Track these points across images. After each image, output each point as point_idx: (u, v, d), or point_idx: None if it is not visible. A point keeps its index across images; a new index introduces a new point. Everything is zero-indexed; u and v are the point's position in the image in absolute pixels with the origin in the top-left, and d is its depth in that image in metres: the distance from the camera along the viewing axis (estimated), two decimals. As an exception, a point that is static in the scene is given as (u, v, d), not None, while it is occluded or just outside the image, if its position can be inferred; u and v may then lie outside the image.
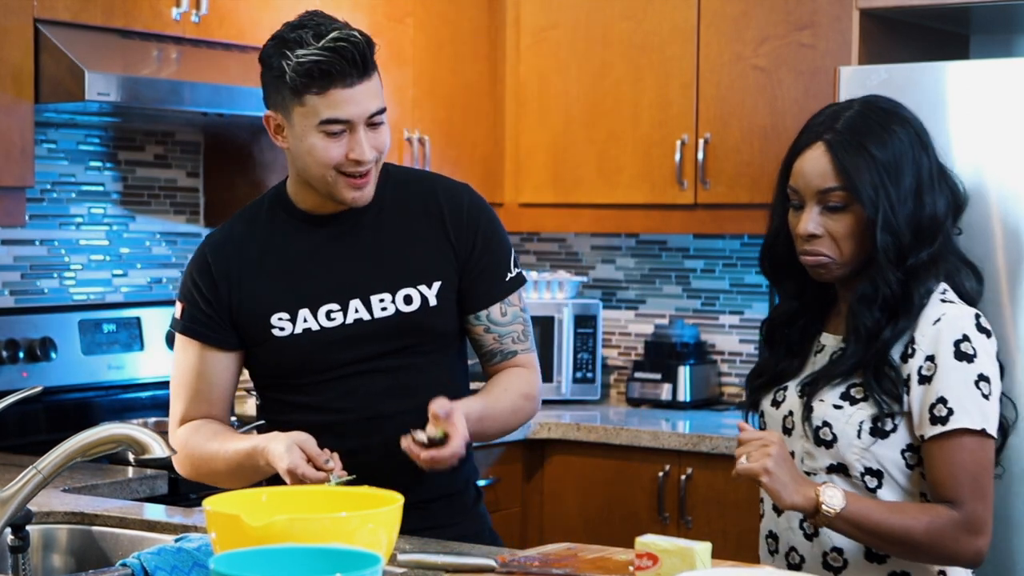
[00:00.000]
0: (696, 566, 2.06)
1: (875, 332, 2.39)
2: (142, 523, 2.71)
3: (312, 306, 2.61)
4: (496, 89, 4.78)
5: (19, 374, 3.76)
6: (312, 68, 2.48)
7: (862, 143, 2.39)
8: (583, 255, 5.08)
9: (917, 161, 2.42)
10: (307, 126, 2.52)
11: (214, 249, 2.68)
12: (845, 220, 2.40)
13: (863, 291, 2.41)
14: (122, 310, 4.08)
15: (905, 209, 2.39)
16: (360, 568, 1.61)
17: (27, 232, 3.97)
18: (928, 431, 2.37)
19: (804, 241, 2.42)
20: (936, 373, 2.37)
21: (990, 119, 3.66)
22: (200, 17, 3.81)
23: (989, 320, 3.27)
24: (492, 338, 2.69)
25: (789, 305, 2.55)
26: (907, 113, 2.48)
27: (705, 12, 4.44)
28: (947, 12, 4.07)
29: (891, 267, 2.39)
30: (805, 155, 2.44)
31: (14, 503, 2.24)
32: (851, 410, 2.40)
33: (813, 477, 2.42)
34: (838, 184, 2.39)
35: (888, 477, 2.41)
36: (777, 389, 2.53)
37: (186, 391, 2.69)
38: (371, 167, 2.56)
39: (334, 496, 2.04)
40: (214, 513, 1.88)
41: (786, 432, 2.49)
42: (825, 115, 2.46)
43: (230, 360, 2.68)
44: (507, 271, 2.70)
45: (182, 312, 2.69)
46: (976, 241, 3.67)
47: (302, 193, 2.64)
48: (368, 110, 2.53)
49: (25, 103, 3.49)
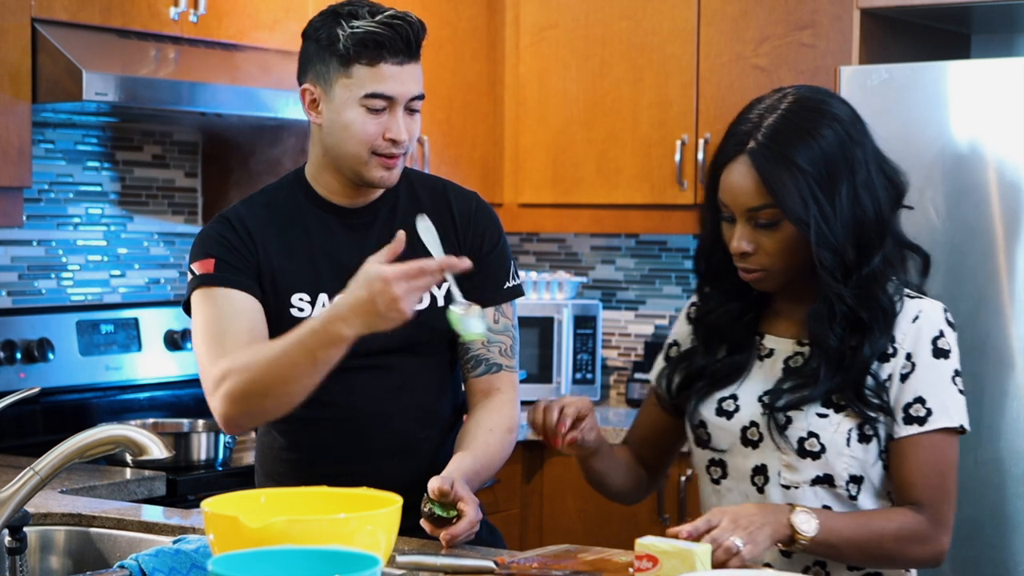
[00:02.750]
0: (696, 568, 2.05)
1: (842, 349, 2.30)
2: (140, 525, 2.70)
3: (331, 292, 2.59)
4: (495, 89, 4.77)
5: (17, 375, 3.75)
6: (366, 38, 2.50)
7: (787, 154, 2.26)
8: (583, 255, 5.08)
9: (850, 162, 2.29)
10: (349, 98, 2.53)
11: (238, 217, 2.63)
12: (777, 236, 2.30)
13: (816, 310, 2.31)
14: (120, 311, 4.07)
15: (844, 219, 2.27)
16: (359, 570, 1.60)
17: (24, 232, 3.96)
18: (903, 431, 2.32)
19: (739, 258, 2.34)
20: (914, 372, 2.32)
21: (991, 119, 3.65)
22: (198, 17, 3.80)
23: (990, 320, 3.27)
24: (481, 342, 2.68)
25: (731, 304, 2.43)
26: (837, 107, 2.33)
27: (705, 12, 4.43)
28: (948, 12, 4.06)
29: (839, 283, 2.28)
30: (730, 168, 2.31)
31: (11, 504, 2.23)
32: (837, 418, 2.32)
33: (794, 491, 2.34)
34: (765, 202, 2.27)
35: (867, 482, 2.35)
36: (722, 398, 2.42)
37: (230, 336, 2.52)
38: (404, 150, 2.57)
39: (333, 498, 2.03)
40: (212, 515, 1.87)
41: (748, 444, 2.38)
42: (748, 120, 2.32)
43: (263, 313, 2.58)
44: (506, 280, 2.71)
45: (215, 266, 2.57)
46: (977, 241, 3.67)
47: (324, 177, 2.64)
48: (411, 92, 2.55)
49: (22, 103, 3.48)
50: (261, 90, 3.85)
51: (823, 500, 2.34)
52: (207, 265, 2.58)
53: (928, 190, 3.71)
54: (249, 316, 2.55)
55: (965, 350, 3.74)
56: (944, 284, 3.68)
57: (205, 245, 2.61)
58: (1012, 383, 3.61)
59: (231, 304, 2.55)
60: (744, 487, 2.39)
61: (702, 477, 2.47)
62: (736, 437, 2.39)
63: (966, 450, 3.68)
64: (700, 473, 2.47)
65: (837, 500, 2.34)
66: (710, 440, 2.42)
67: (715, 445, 2.42)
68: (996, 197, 3.64)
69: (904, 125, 3.74)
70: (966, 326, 3.66)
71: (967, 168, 3.68)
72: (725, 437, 2.41)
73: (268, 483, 2.71)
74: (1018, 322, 3.59)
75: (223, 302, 2.55)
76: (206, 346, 2.53)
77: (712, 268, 2.44)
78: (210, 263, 2.57)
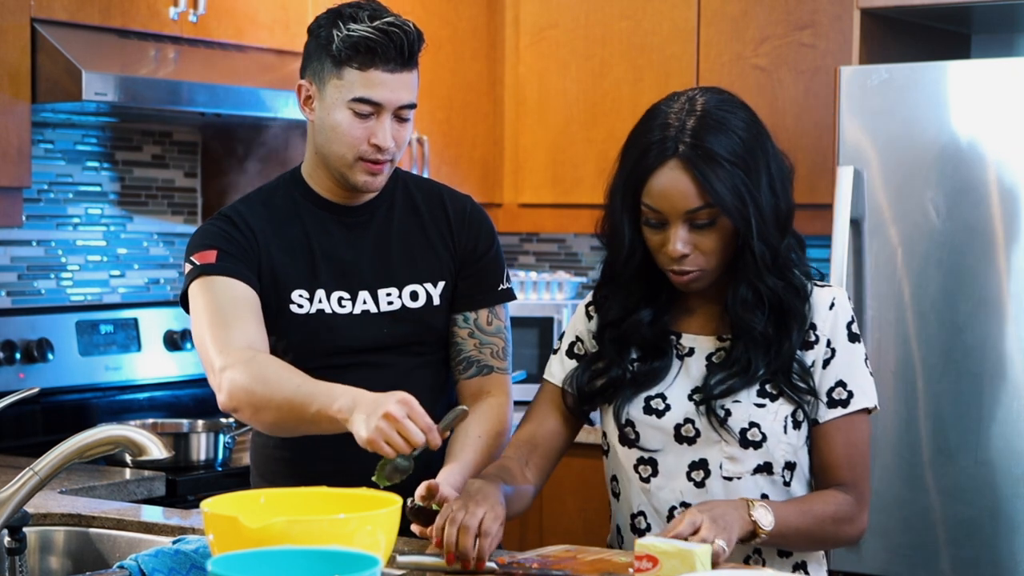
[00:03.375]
0: (696, 568, 2.05)
1: (767, 333, 2.35)
2: (140, 525, 2.70)
3: (327, 288, 2.63)
4: (495, 89, 4.77)
5: (16, 375, 3.75)
6: (360, 43, 2.52)
7: (714, 151, 2.28)
8: (582, 256, 5.07)
9: (764, 150, 2.33)
10: (338, 100, 2.55)
11: (238, 213, 2.64)
12: (714, 235, 2.32)
13: (744, 296, 2.34)
14: (119, 311, 4.07)
15: (769, 208, 2.32)
16: (359, 570, 1.60)
17: (24, 233, 3.96)
18: (828, 415, 2.37)
19: (674, 261, 2.33)
20: (834, 357, 2.38)
21: (992, 119, 3.65)
22: (198, 17, 3.80)
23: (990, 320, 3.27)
24: (473, 344, 2.70)
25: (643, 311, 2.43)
26: (738, 100, 2.37)
27: (705, 12, 4.43)
28: (948, 11, 4.05)
29: (767, 270, 2.33)
30: (660, 173, 2.31)
31: (11, 505, 2.23)
32: (774, 406, 2.36)
33: (736, 482, 2.37)
34: (704, 203, 2.29)
35: (799, 467, 2.39)
36: (648, 397, 2.41)
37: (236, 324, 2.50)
38: (390, 157, 2.58)
39: (332, 498, 2.03)
40: (212, 515, 1.87)
41: (683, 441, 2.39)
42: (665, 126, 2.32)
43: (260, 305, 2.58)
44: (499, 282, 2.73)
45: (217, 256, 2.56)
46: (977, 241, 3.66)
47: (317, 175, 2.66)
48: (400, 100, 2.56)
49: (22, 103, 3.48)
50: (260, 90, 3.85)
51: (762, 488, 2.38)
52: (208, 256, 2.57)
53: (928, 190, 3.71)
54: (252, 304, 2.55)
55: (965, 350, 3.76)
56: (944, 284, 3.68)
57: (206, 238, 2.60)
58: (1012, 383, 3.60)
59: (233, 291, 2.54)
60: (677, 484, 2.40)
61: (627, 476, 2.45)
62: (669, 435, 2.40)
63: (967, 450, 3.68)
64: (624, 472, 2.45)
65: (774, 487, 2.38)
66: (638, 439, 2.42)
67: (644, 444, 2.42)
68: (996, 197, 3.64)
69: (904, 125, 3.74)
70: (966, 326, 3.66)
71: (967, 168, 3.67)
72: (656, 435, 2.41)
73: (262, 483, 2.71)
74: (1018, 322, 3.59)
75: (226, 289, 2.54)
76: (211, 332, 2.50)
77: (624, 276, 2.43)
78: (211, 254, 2.57)
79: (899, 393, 3.72)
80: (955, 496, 3.68)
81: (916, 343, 3.72)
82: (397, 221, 2.68)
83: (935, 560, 3.71)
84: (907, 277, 3.74)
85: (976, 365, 3.65)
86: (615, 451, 2.46)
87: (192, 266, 2.59)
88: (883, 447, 3.71)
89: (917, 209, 3.73)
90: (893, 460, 3.73)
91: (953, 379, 3.68)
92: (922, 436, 3.71)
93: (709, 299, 2.43)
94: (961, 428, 3.67)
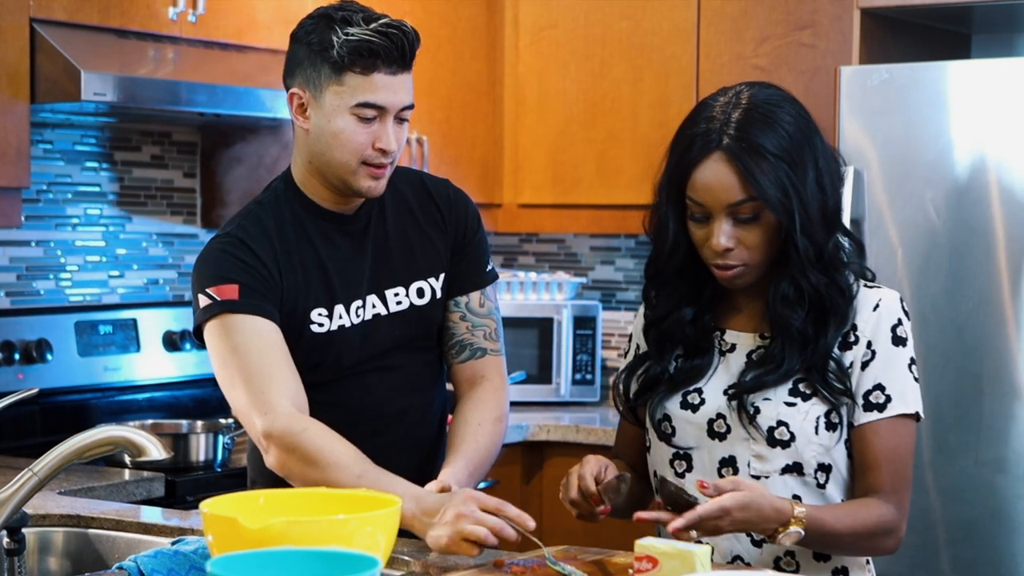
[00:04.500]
0: (696, 569, 2.05)
1: (805, 331, 2.33)
2: (139, 526, 2.69)
3: (345, 302, 2.60)
4: (495, 89, 4.76)
5: (15, 376, 3.74)
6: (362, 46, 2.48)
7: (759, 144, 2.28)
8: (582, 256, 5.07)
9: (812, 145, 2.32)
10: (340, 106, 2.51)
11: (248, 235, 2.57)
12: (758, 229, 2.31)
13: (785, 292, 2.33)
14: (118, 311, 4.07)
15: (815, 204, 2.31)
16: (358, 571, 1.60)
17: (23, 233, 3.95)
18: (863, 418, 2.34)
19: (718, 255, 2.33)
20: (874, 359, 2.35)
21: (992, 119, 3.65)
22: (197, 17, 3.80)
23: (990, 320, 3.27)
24: (466, 327, 2.70)
25: (684, 309, 2.43)
26: (788, 96, 2.37)
27: (705, 12, 4.42)
28: (949, 11, 4.06)
29: (811, 267, 2.32)
30: (704, 166, 2.31)
31: (10, 506, 2.23)
32: (805, 406, 2.34)
33: (764, 480, 2.34)
34: (747, 196, 2.28)
35: (835, 470, 2.37)
36: (686, 392, 2.42)
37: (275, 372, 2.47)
38: (391, 160, 2.57)
39: (332, 499, 2.02)
40: (211, 516, 1.86)
41: (715, 436, 2.39)
42: (710, 119, 2.33)
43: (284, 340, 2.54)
44: (487, 262, 2.74)
45: (240, 291, 2.50)
46: (978, 241, 3.66)
47: (312, 183, 2.62)
48: (403, 101, 2.54)
49: (21, 103, 3.47)
50: (259, 90, 3.84)
51: (792, 489, 2.36)
52: (229, 291, 2.50)
53: (928, 190, 3.71)
54: (283, 348, 2.50)
55: (965, 350, 3.76)
56: (944, 284, 3.68)
57: (222, 268, 2.52)
58: (1012, 383, 3.60)
59: (263, 335, 2.49)
60: (711, 480, 2.38)
61: (665, 471, 2.45)
62: (703, 430, 2.40)
63: (967, 450, 3.68)
64: (663, 468, 2.45)
65: (806, 489, 2.36)
66: (674, 434, 2.42)
67: (680, 439, 2.42)
68: (996, 197, 3.64)
69: (904, 125, 3.74)
70: (966, 326, 3.66)
71: (967, 168, 3.67)
72: (691, 430, 2.41)
73: (261, 481, 2.66)
74: (1018, 322, 3.59)
75: (255, 332, 2.49)
76: (245, 386, 2.46)
77: (667, 272, 2.43)
78: (233, 289, 2.50)
79: (899, 393, 3.72)
80: (955, 496, 3.68)
81: (916, 343, 3.71)
82: (392, 220, 2.68)
83: (935, 560, 3.71)
84: (907, 277, 3.74)
85: (976, 365, 3.64)
86: (654, 446, 2.47)
87: (211, 301, 2.51)
88: (883, 447, 3.70)
89: (917, 209, 3.73)
90: (893, 460, 3.73)
91: (953, 379, 3.67)
92: (922, 436, 3.70)
93: (754, 296, 2.41)
94: (961, 428, 3.67)
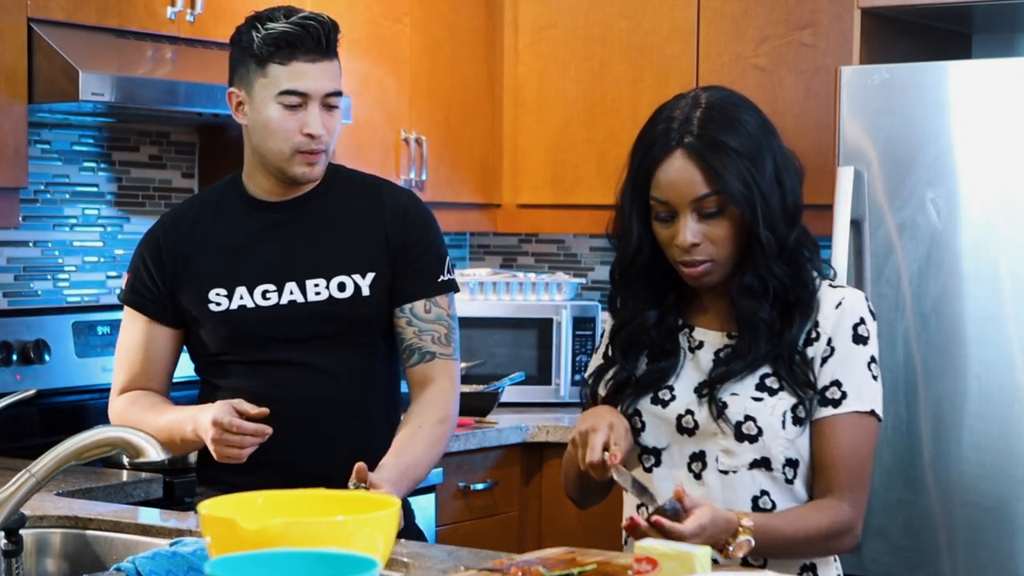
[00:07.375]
0: (696, 571, 2.04)
1: (771, 323, 2.36)
2: (137, 527, 2.69)
3: (249, 284, 2.76)
4: (494, 89, 4.76)
5: (12, 377, 3.74)
6: (279, 38, 2.68)
7: (721, 140, 2.32)
8: (582, 256, 5.07)
9: (771, 144, 2.37)
10: (266, 97, 2.70)
11: (166, 228, 2.85)
12: (722, 224, 2.34)
13: (749, 285, 2.36)
14: (116, 312, 4.04)
15: (775, 199, 2.34)
16: (357, 572, 1.60)
17: (20, 233, 3.95)
18: (819, 413, 2.37)
19: (684, 252, 2.35)
20: (832, 355, 2.37)
21: (993, 119, 3.65)
22: (195, 16, 3.80)
23: (992, 322, 3.26)
24: (412, 332, 2.77)
25: (649, 312, 2.44)
26: (746, 99, 2.42)
27: (705, 11, 4.42)
28: (949, 11, 4.05)
29: (774, 259, 2.35)
30: (667, 164, 2.34)
31: (7, 507, 2.23)
32: (772, 400, 2.36)
33: (732, 475, 2.37)
34: (711, 190, 2.31)
35: (802, 465, 2.38)
36: (657, 388, 2.43)
37: (128, 363, 2.84)
38: (324, 146, 2.72)
39: (330, 500, 2.02)
40: (209, 517, 1.86)
41: (684, 432, 2.40)
42: (671, 119, 2.37)
43: (171, 337, 2.83)
44: (438, 274, 2.81)
45: (128, 284, 2.85)
46: (978, 241, 3.65)
47: (255, 178, 2.80)
48: (326, 88, 2.71)
49: (19, 103, 3.47)
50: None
51: (760, 485, 2.37)
52: (126, 280, 2.87)
53: (928, 190, 3.70)
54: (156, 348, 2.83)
55: (965, 351, 3.75)
56: (944, 284, 3.67)
57: (132, 261, 2.88)
58: (1012, 383, 3.60)
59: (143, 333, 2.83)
60: (679, 474, 2.41)
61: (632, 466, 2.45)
62: (672, 425, 2.41)
63: (966, 451, 3.67)
64: (631, 462, 2.46)
65: (774, 484, 2.37)
66: (644, 428, 2.44)
67: (649, 434, 2.43)
68: (996, 197, 3.63)
69: (905, 125, 3.74)
70: (966, 326, 3.66)
71: (967, 168, 3.67)
72: (661, 426, 2.43)
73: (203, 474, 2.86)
74: (1018, 322, 3.58)
75: (136, 328, 2.85)
76: (117, 363, 2.88)
77: (632, 276, 2.44)
78: (128, 279, 2.86)
79: (899, 394, 3.71)
80: (955, 497, 3.67)
81: (916, 343, 3.71)
82: (328, 213, 2.79)
83: (935, 561, 3.70)
84: (907, 277, 3.73)
85: (976, 365, 3.64)
86: None
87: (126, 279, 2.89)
88: (883, 448, 3.69)
89: (917, 209, 3.72)
90: (893, 461, 3.72)
91: (953, 379, 3.67)
92: (922, 436, 3.70)
93: (721, 295, 2.43)
94: (961, 428, 3.67)
